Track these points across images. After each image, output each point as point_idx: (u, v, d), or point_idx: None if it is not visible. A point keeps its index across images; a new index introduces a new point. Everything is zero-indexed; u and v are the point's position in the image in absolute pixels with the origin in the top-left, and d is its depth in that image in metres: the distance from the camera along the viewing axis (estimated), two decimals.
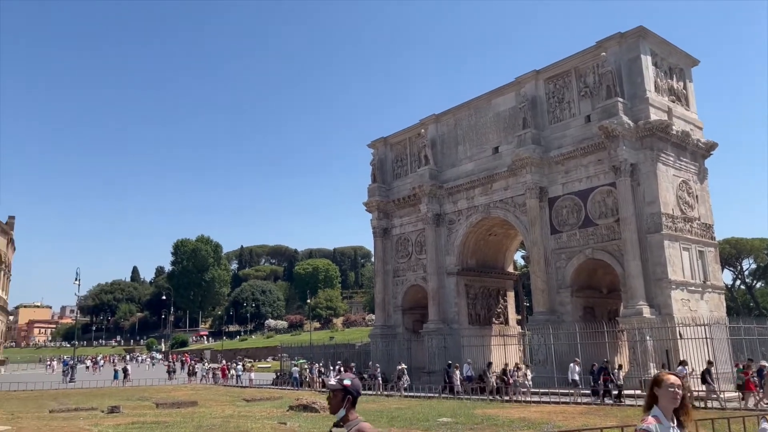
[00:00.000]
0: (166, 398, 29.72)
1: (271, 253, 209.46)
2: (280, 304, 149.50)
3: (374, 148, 47.03)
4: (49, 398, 31.57)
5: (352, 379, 4.18)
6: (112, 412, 23.35)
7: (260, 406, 26.22)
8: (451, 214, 40.27)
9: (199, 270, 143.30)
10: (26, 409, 25.98)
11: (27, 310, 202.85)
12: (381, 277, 44.71)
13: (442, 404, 25.67)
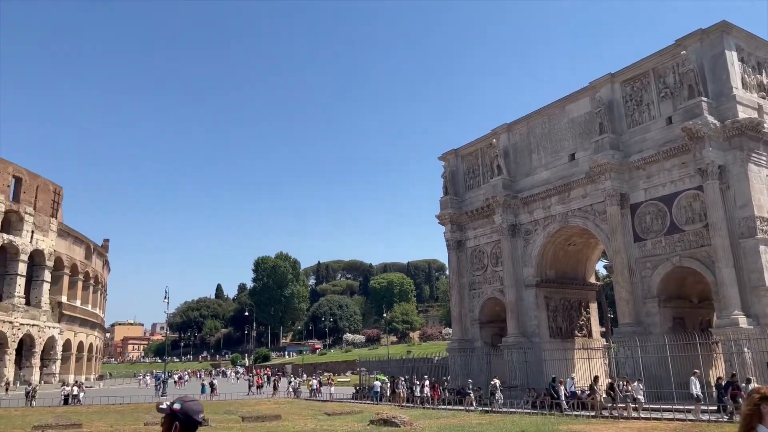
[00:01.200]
0: (251, 412, 30.57)
1: (347, 268, 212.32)
2: (357, 319, 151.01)
3: (445, 160, 46.90)
4: (144, 411, 33.18)
5: (184, 403, 3.68)
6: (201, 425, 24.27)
7: (341, 420, 26.50)
8: (527, 225, 39.48)
9: (278, 286, 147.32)
10: (124, 421, 27.46)
11: (121, 328, 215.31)
12: (456, 290, 44.31)
13: (524, 420, 25.03)
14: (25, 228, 69.98)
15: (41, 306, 72.97)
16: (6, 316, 66.28)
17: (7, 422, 27.45)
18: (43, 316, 72.99)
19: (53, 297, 76.28)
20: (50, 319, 74.93)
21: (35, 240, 71.99)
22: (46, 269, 74.21)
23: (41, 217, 73.61)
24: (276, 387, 53.58)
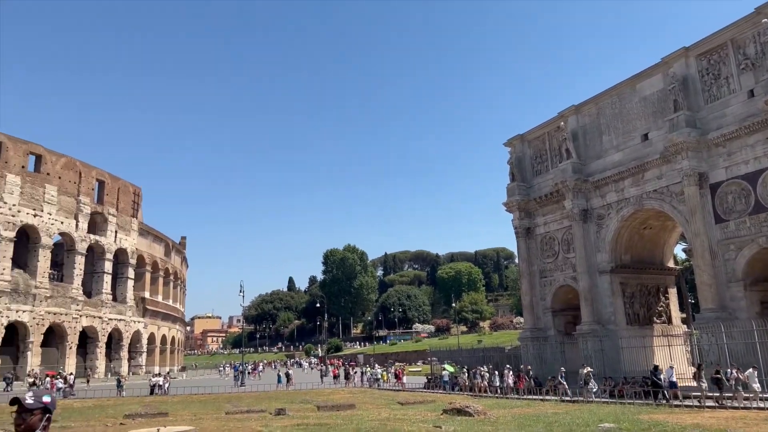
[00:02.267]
0: (326, 401, 31.25)
1: (414, 258, 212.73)
2: (426, 309, 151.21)
3: (511, 146, 46.04)
4: (224, 401, 34.57)
5: (53, 397, 3.79)
6: (279, 414, 25.03)
7: (414, 410, 26.67)
8: (599, 209, 38.26)
9: (347, 278, 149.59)
10: (206, 410, 28.69)
11: (201, 321, 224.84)
12: (527, 278, 43.54)
13: (602, 409, 24.37)
14: (109, 228, 74.12)
15: (126, 302, 77.23)
16: (96, 312, 70.57)
17: (101, 411, 29.28)
18: (128, 312, 77.24)
19: (137, 293, 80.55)
20: (135, 314, 79.19)
21: (119, 239, 76.14)
22: (130, 267, 78.42)
23: (123, 218, 77.73)
24: (348, 377, 54.48)
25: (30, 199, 62.87)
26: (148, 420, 23.78)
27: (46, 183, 64.95)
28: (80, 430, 21.04)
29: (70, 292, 66.91)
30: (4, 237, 59.35)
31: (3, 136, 61.45)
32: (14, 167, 61.60)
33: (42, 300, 62.93)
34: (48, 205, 64.75)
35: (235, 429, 19.48)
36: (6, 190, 60.20)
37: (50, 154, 66.44)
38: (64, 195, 67.29)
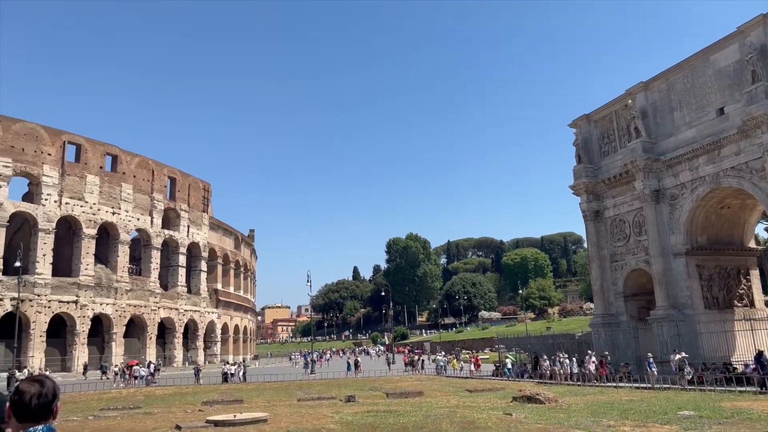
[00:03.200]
0: (395, 388, 31.55)
1: (477, 245, 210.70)
2: (492, 296, 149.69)
3: (576, 127, 44.62)
4: (296, 388, 35.48)
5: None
6: (349, 401, 25.48)
7: (483, 397, 26.54)
8: (672, 189, 36.60)
9: (411, 266, 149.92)
10: (278, 397, 29.56)
11: (271, 311, 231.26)
12: (596, 263, 42.25)
13: (681, 396, 23.47)
14: (181, 223, 77.21)
15: (200, 293, 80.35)
16: (172, 304, 73.81)
17: (181, 398, 30.68)
18: (202, 303, 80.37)
19: (210, 285, 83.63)
20: (209, 305, 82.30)
21: (191, 233, 79.19)
22: (202, 260, 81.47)
23: (194, 213, 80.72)
24: (414, 365, 54.71)
25: (108, 197, 66.25)
26: (225, 407, 24.73)
27: (122, 182, 68.25)
28: (162, 415, 22.11)
29: (148, 285, 70.25)
30: (86, 234, 62.87)
31: (82, 138, 64.96)
32: (93, 168, 65.04)
33: (123, 293, 66.37)
34: (125, 203, 68.06)
35: (307, 415, 19.96)
36: (87, 190, 63.68)
37: (125, 154, 69.72)
38: (139, 193, 70.52)
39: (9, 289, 54.23)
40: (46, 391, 2.97)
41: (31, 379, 3.08)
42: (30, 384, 3.00)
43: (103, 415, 22.61)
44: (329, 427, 16.53)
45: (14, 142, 58.34)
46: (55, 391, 3.01)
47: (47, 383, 3.01)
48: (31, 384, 3.00)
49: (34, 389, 2.96)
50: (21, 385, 3.03)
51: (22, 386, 3.01)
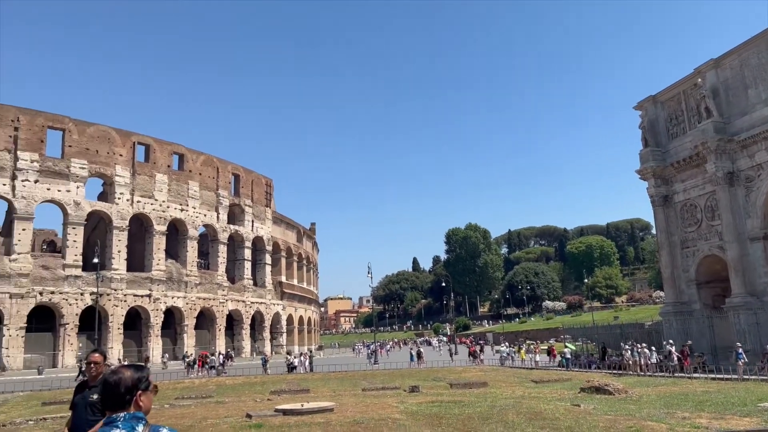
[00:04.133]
0: (458, 379, 31.46)
1: (540, 234, 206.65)
2: (556, 285, 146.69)
3: (642, 109, 42.95)
4: (360, 378, 35.94)
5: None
6: (413, 391, 25.62)
7: (549, 388, 26.11)
8: (747, 171, 34.72)
9: (471, 256, 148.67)
10: (343, 387, 30.04)
11: (333, 302, 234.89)
12: (666, 249, 40.67)
13: (761, 387, 22.35)
14: (246, 218, 79.41)
15: (266, 286, 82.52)
16: (239, 296, 76.15)
17: (250, 388, 31.66)
18: (268, 295, 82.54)
19: (274, 277, 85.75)
20: (274, 297, 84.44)
21: (255, 228, 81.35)
22: (267, 253, 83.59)
23: (258, 208, 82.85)
24: (476, 355, 54.32)
25: (176, 195, 68.86)
26: (292, 396, 25.35)
27: (189, 180, 70.77)
28: (233, 404, 22.90)
29: (216, 279, 72.71)
30: (157, 231, 65.62)
31: (150, 139, 67.71)
32: (161, 167, 67.74)
33: (193, 287, 68.97)
34: (192, 200, 70.58)
35: (373, 405, 20.20)
36: (156, 188, 66.41)
37: (191, 152, 72.23)
38: (205, 189, 72.94)
39: (88, 284, 57.32)
40: (118, 379, 3.13)
41: (113, 369, 3.27)
42: (111, 374, 3.20)
43: (178, 404, 23.63)
44: (395, 417, 16.69)
45: (89, 144, 61.44)
46: (132, 381, 3.15)
47: (124, 374, 3.17)
48: (112, 374, 3.19)
49: (111, 378, 3.15)
50: (105, 375, 3.27)
51: (105, 376, 3.23)
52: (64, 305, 56.88)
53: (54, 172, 58.40)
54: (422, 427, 14.76)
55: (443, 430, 14.41)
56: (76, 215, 59.20)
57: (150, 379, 3.26)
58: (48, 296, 56.21)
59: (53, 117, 60.02)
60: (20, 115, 57.41)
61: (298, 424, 15.67)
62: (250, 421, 16.83)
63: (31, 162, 56.88)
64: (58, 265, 58.00)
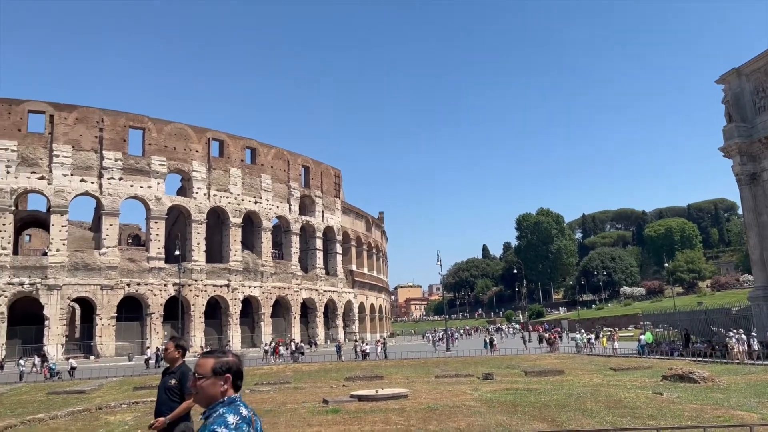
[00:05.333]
0: (533, 367, 31.00)
1: (616, 217, 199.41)
2: (633, 270, 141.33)
3: (725, 83, 40.44)
4: (432, 365, 36.05)
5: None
6: (486, 379, 25.47)
7: (629, 376, 25.29)
8: None
9: (543, 242, 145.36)
10: (417, 374, 30.24)
11: (403, 290, 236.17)
12: (754, 230, 38.27)
13: None
14: (316, 209, 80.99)
15: (337, 274, 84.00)
16: (312, 285, 77.92)
17: (325, 374, 32.46)
18: (339, 283, 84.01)
19: (345, 266, 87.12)
20: (345, 286, 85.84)
21: (325, 218, 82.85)
22: (337, 243, 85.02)
23: (328, 198, 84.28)
24: (553, 343, 53.24)
25: (250, 188, 71.06)
26: (366, 382, 25.77)
27: (261, 173, 72.84)
28: (310, 390, 23.56)
29: (289, 269, 74.67)
30: (233, 223, 68.01)
31: (224, 135, 70.09)
32: (235, 161, 70.07)
33: (268, 276, 71.15)
34: (265, 192, 72.64)
35: (446, 392, 20.25)
36: (231, 182, 68.79)
37: (262, 146, 74.25)
38: (277, 182, 74.87)
39: (171, 276, 60.21)
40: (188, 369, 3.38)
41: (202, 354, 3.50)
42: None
43: (258, 390, 24.56)
44: (469, 404, 16.67)
45: (167, 142, 64.33)
46: (193, 370, 3.40)
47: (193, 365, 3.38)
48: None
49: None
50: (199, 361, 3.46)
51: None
52: (149, 296, 60.07)
53: (136, 169, 61.55)
54: (497, 414, 14.68)
55: (519, 417, 14.27)
56: (158, 210, 62.21)
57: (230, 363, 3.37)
58: (135, 287, 59.50)
59: (134, 117, 63.21)
60: (104, 116, 60.79)
61: (373, 410, 15.94)
62: (326, 406, 17.27)
63: (115, 160, 60.17)
64: (142, 258, 61.24)
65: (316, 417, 15.29)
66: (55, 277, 55.40)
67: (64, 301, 55.93)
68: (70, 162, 57.98)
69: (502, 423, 13.34)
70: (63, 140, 58.02)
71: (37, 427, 15.93)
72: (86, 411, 19.00)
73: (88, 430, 15.28)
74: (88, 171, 58.89)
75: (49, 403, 22.48)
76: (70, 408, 19.41)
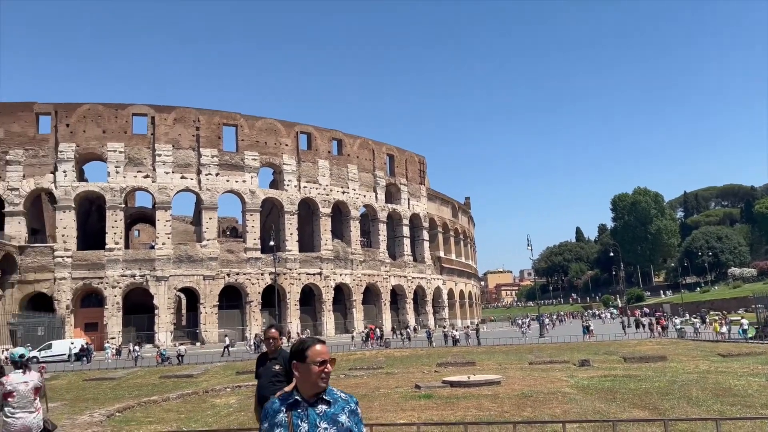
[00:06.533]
0: (633, 352, 29.77)
1: (721, 194, 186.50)
2: (743, 250, 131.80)
3: None
4: (525, 351, 35.44)
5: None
6: (582, 365, 24.74)
7: (739, 362, 23.73)
8: None
9: (641, 223, 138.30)
10: (509, 360, 29.86)
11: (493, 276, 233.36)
12: None
13: None
14: (402, 197, 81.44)
15: (425, 261, 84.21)
16: (401, 272, 78.62)
17: (417, 360, 32.73)
18: (428, 270, 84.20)
19: (432, 253, 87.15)
20: (434, 272, 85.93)
21: (411, 205, 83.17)
22: (424, 230, 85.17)
23: (413, 186, 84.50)
24: (653, 328, 50.80)
25: (337, 178, 72.56)
26: (458, 368, 25.77)
27: (347, 163, 74.15)
28: (402, 375, 23.86)
29: (378, 256, 75.71)
30: (323, 213, 69.80)
31: (311, 128, 71.90)
32: (322, 153, 71.76)
33: (358, 264, 72.53)
34: (351, 182, 73.92)
35: (540, 379, 19.88)
36: (319, 173, 70.56)
37: (348, 137, 75.51)
38: (363, 172, 75.93)
39: (267, 265, 62.76)
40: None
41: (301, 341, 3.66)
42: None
43: (351, 374, 25.19)
44: (564, 391, 16.29)
45: (258, 137, 66.88)
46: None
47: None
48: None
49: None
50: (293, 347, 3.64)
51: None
52: (248, 284, 62.95)
53: (231, 164, 64.47)
54: (595, 402, 14.26)
55: (618, 405, 13.79)
56: (252, 203, 64.91)
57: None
58: (234, 277, 62.54)
59: (227, 115, 66.18)
60: (200, 115, 64.04)
61: (465, 396, 15.94)
62: (419, 391, 17.46)
63: (211, 157, 63.31)
64: (240, 249, 64.20)
65: (409, 402, 15.49)
66: (162, 269, 59.26)
67: (170, 291, 59.77)
68: (171, 160, 61.64)
69: (599, 410, 12.95)
70: (164, 140, 61.76)
71: (152, 408, 17.19)
72: (194, 394, 20.28)
73: (197, 411, 16.31)
74: (187, 168, 62.35)
75: (161, 386, 24.19)
76: (180, 391, 20.80)
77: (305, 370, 3.35)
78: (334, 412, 3.30)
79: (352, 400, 3.41)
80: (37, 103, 60.55)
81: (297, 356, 3.40)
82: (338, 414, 3.30)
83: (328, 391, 3.37)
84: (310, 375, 3.34)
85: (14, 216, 57.45)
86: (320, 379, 3.34)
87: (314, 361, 3.34)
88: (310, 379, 3.34)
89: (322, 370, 3.34)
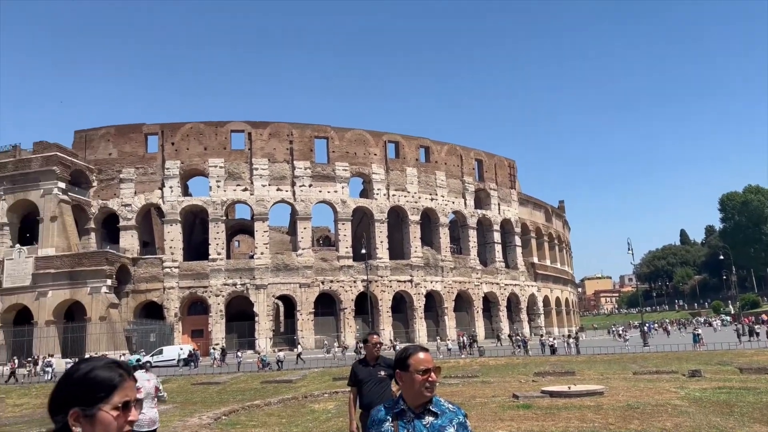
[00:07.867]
0: (750, 363, 27.63)
1: None
2: None
3: None
4: (629, 361, 33.78)
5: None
6: (693, 376, 23.25)
7: None
8: None
9: (755, 223, 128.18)
10: (611, 370, 28.56)
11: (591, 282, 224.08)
12: None
13: None
14: (492, 202, 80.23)
15: (518, 267, 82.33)
16: (493, 279, 77.32)
17: (512, 369, 32.04)
18: (521, 277, 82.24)
19: (526, 259, 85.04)
20: (527, 279, 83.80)
21: (502, 211, 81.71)
22: (516, 235, 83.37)
23: (503, 190, 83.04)
24: None
25: (425, 185, 72.69)
26: (557, 378, 24.98)
27: (435, 170, 74.11)
28: (499, 384, 23.45)
29: (468, 263, 74.92)
30: (412, 221, 70.11)
31: (398, 136, 72.58)
32: (410, 161, 72.20)
33: (448, 271, 72.13)
34: (440, 189, 73.78)
35: (647, 390, 18.89)
36: (407, 181, 71.00)
37: (435, 144, 75.53)
38: (451, 178, 75.59)
39: (359, 273, 63.82)
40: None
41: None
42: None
43: (446, 383, 25.04)
44: (674, 403, 15.38)
45: (348, 148, 68.38)
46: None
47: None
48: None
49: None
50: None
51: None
52: (341, 292, 64.27)
53: (323, 176, 66.31)
54: (710, 416, 13.35)
55: (736, 419, 12.84)
56: (344, 212, 66.35)
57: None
58: (328, 285, 64.07)
59: (318, 127, 68.21)
60: (293, 129, 66.42)
61: (566, 407, 15.41)
62: (517, 401, 17.07)
63: (304, 169, 65.43)
64: (333, 257, 65.72)
65: (507, 412, 15.19)
66: (261, 278, 61.75)
67: (269, 299, 62.13)
68: (267, 173, 64.28)
69: (716, 425, 12.11)
70: (260, 154, 64.53)
71: (255, 412, 17.93)
72: (294, 399, 20.95)
73: (297, 416, 16.84)
74: (282, 180, 64.76)
75: (263, 391, 25.20)
76: (281, 396, 21.57)
77: (408, 380, 3.24)
78: (441, 424, 3.16)
79: (460, 412, 3.27)
80: (146, 124, 65.18)
81: (400, 365, 3.30)
82: (446, 426, 3.16)
83: (435, 401, 3.24)
84: (413, 384, 3.22)
85: (128, 230, 61.97)
86: (424, 388, 3.21)
87: (417, 369, 3.21)
88: (413, 388, 3.22)
89: (425, 380, 3.20)
